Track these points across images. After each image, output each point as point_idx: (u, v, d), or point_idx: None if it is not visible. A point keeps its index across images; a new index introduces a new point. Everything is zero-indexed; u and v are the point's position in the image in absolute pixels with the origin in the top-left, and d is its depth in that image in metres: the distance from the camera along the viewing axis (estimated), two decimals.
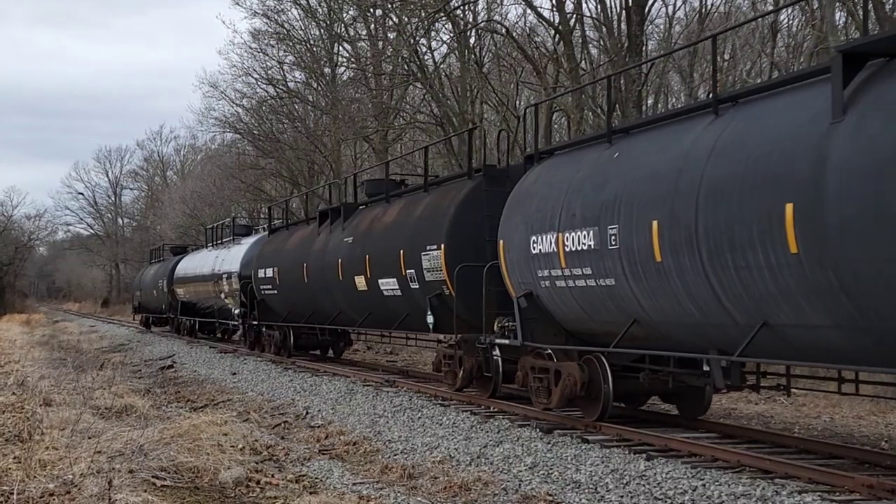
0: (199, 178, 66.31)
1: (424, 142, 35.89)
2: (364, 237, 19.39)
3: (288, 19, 40.57)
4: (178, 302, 39.32)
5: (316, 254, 22.12)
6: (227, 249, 32.52)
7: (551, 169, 13.57)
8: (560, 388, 12.71)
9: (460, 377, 15.94)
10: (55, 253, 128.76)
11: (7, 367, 22.31)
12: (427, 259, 16.18)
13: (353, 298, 19.93)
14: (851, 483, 8.80)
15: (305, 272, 22.66)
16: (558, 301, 12.76)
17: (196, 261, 37.28)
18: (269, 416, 15.62)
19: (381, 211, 19.30)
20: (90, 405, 14.95)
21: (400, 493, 9.69)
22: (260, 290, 26.63)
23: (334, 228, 21.58)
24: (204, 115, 57.11)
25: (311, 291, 22.50)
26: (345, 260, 20.03)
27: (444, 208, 16.15)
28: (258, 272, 26.67)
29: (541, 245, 12.81)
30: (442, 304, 16.04)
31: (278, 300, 25.42)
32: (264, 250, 27.18)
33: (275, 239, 27.23)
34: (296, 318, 24.49)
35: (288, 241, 25.19)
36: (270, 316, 26.49)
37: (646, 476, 9.72)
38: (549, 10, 28.43)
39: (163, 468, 10.03)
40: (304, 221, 25.67)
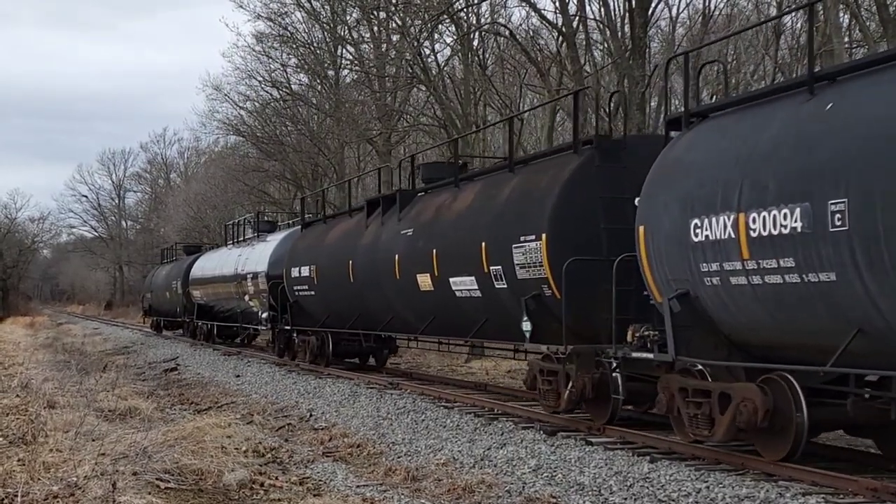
0: (202, 180, 66.37)
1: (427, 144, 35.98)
2: (428, 228, 16.73)
3: (291, 22, 40.60)
4: (195, 304, 37.01)
5: (364, 249, 19.48)
6: (251, 247, 30.13)
7: (713, 133, 10.55)
8: (730, 416, 9.88)
9: (566, 397, 12.85)
10: (59, 255, 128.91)
11: (11, 369, 22.34)
12: (521, 253, 13.38)
13: (414, 300, 17.25)
14: (855, 486, 8.79)
15: (351, 270, 19.94)
16: (730, 304, 9.82)
17: (215, 260, 34.71)
18: (273, 419, 15.63)
19: (448, 197, 16.50)
20: (94, 407, 14.98)
21: (404, 496, 9.69)
22: (293, 291, 24.06)
23: (388, 219, 18.91)
24: (207, 118, 57.09)
25: (358, 292, 19.82)
26: (403, 255, 17.35)
27: (544, 190, 13.34)
28: (291, 271, 24.08)
29: (707, 230, 9.81)
30: (541, 308, 13.23)
31: (315, 302, 22.87)
32: (298, 247, 24.59)
33: (309, 234, 24.58)
34: (337, 322, 21.86)
35: (327, 236, 22.44)
36: (305, 320, 23.89)
37: (649, 478, 9.72)
38: (552, 12, 28.43)
39: (167, 470, 10.03)
40: (346, 213, 22.67)
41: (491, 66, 33.94)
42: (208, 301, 35.24)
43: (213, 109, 52.57)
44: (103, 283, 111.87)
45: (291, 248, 24.99)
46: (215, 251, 37.91)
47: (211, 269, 34.22)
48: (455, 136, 28.88)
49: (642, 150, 12.62)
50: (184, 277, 38.46)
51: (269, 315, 26.34)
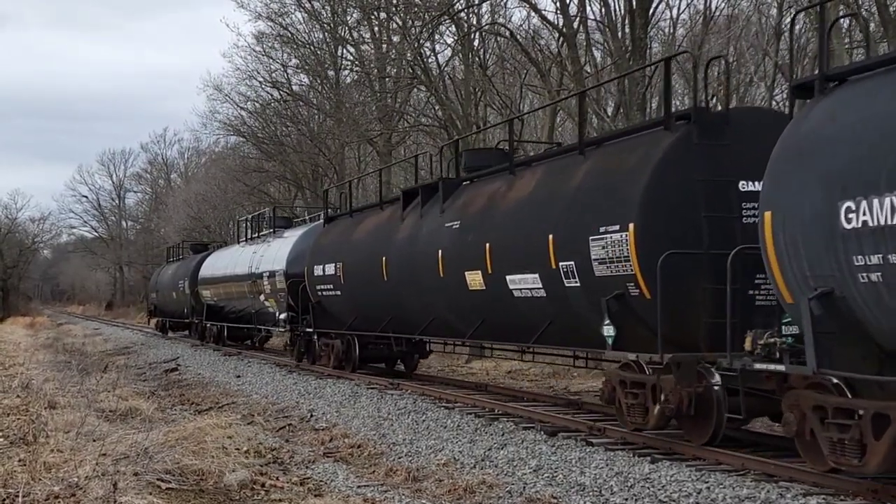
0: (202, 181, 66.41)
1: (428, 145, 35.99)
2: (479, 220, 14.99)
3: (292, 22, 40.67)
4: (204, 305, 35.19)
5: (401, 244, 17.73)
6: (266, 244, 28.26)
7: (862, 99, 8.70)
8: (890, 443, 8.26)
9: (656, 413, 11.26)
10: (59, 256, 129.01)
11: (11, 369, 22.34)
12: (600, 246, 11.55)
13: (460, 301, 15.46)
14: (856, 487, 8.78)
15: (385, 268, 18.13)
16: (891, 304, 7.99)
17: (226, 258, 32.97)
18: (274, 419, 15.64)
19: (502, 185, 14.77)
20: (94, 408, 14.99)
21: (404, 496, 9.70)
22: (316, 290, 22.31)
23: (428, 211, 17.16)
24: (208, 118, 57.14)
25: (393, 292, 18.06)
26: (449, 251, 15.62)
27: (631, 172, 11.55)
28: (313, 269, 22.28)
29: (867, 215, 8.01)
30: (625, 310, 11.44)
31: (342, 303, 21.04)
32: (321, 242, 22.63)
33: (334, 229, 22.54)
34: (367, 324, 20.08)
35: (356, 231, 20.58)
36: (329, 322, 22.19)
37: (650, 479, 9.72)
38: (553, 12, 28.44)
39: (168, 471, 10.03)
40: (376, 206, 20.73)
41: (491, 66, 33.93)
42: (218, 301, 33.56)
43: (213, 110, 52.66)
44: (103, 283, 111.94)
45: (314, 244, 23.16)
46: (226, 249, 36.44)
47: (222, 268, 32.62)
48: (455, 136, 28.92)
49: (749, 124, 11.29)
50: (192, 277, 37.11)
51: (287, 316, 24.65)
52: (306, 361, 23.88)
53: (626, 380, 11.77)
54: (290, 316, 24.39)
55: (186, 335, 41.06)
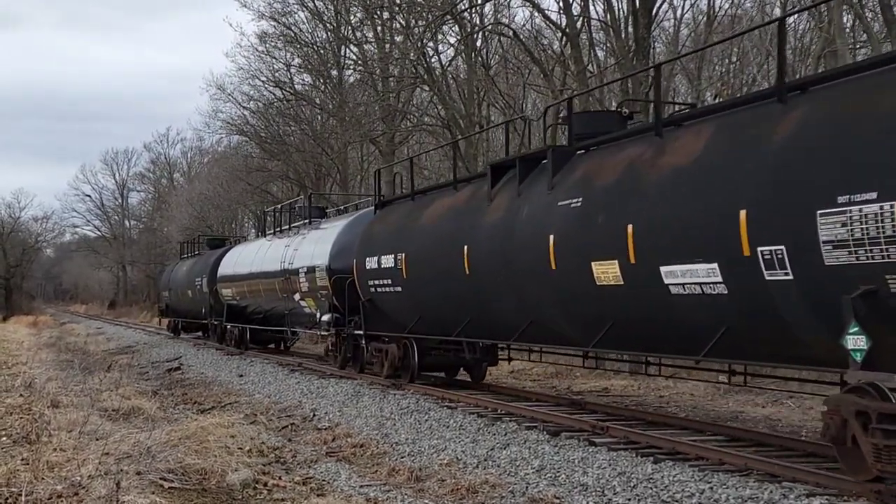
0: (205, 180, 66.45)
1: (432, 144, 35.98)
2: (613, 196, 11.65)
3: (295, 22, 40.71)
4: (224, 305, 32.38)
5: (489, 230, 14.56)
6: (301, 237, 25.30)
7: None
8: None
9: None
10: (62, 255, 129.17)
11: (14, 368, 22.37)
12: (839, 223, 8.44)
13: (582, 299, 12.28)
14: (859, 487, 8.77)
15: (466, 259, 15.02)
16: None
17: (251, 254, 29.91)
18: (276, 419, 15.64)
19: (646, 151, 11.50)
20: (97, 407, 15.00)
21: (407, 496, 9.70)
22: (368, 287, 19.19)
23: (530, 188, 13.81)
24: (211, 118, 57.18)
25: (476, 288, 14.98)
26: (565, 236, 12.41)
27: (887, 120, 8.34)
28: (364, 262, 19.18)
29: None
30: (881, 313, 8.33)
31: (401, 301, 17.98)
32: (374, 231, 19.57)
33: (391, 214, 19.33)
34: (434, 326, 17.12)
35: (422, 216, 17.45)
36: (383, 323, 19.21)
37: (653, 479, 9.71)
38: (556, 12, 28.44)
39: (170, 470, 10.05)
40: (448, 185, 17.56)
41: (494, 66, 33.94)
42: (241, 301, 30.79)
43: (216, 109, 52.68)
44: (106, 282, 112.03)
45: (364, 233, 20.05)
46: (249, 243, 33.83)
47: (246, 265, 29.74)
48: (458, 136, 28.92)
49: None
50: (210, 274, 34.23)
51: (331, 318, 21.55)
52: (350, 369, 21.31)
53: (872, 411, 8.45)
54: (335, 318, 21.44)
55: (200, 336, 39.08)
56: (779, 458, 10.33)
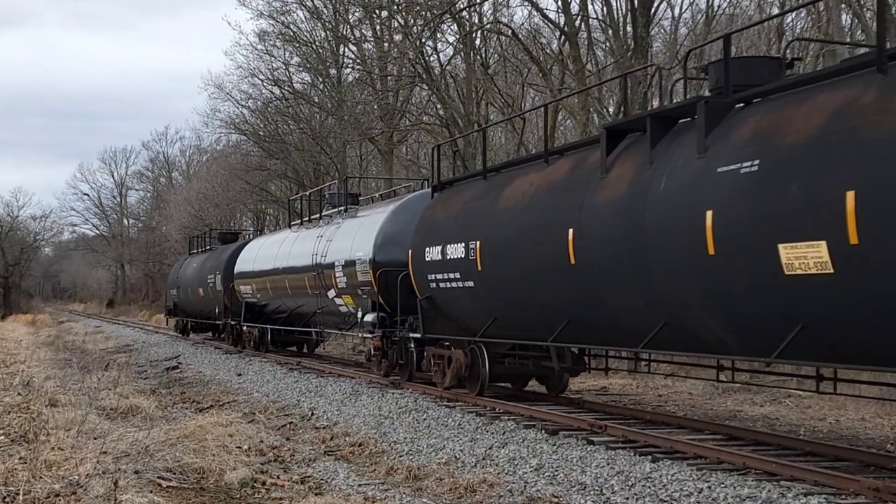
0: (204, 179, 66.40)
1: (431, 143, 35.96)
2: (815, 154, 8.87)
3: (294, 20, 40.69)
4: (242, 304, 29.68)
5: (605, 209, 11.80)
6: (335, 227, 22.54)
7: None
8: None
9: None
10: (60, 253, 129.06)
11: (13, 367, 22.34)
12: None
13: (754, 294, 9.64)
14: (857, 486, 8.78)
15: (571, 246, 12.23)
16: None
17: (275, 247, 27.26)
18: (275, 417, 15.64)
19: (859, 94, 8.75)
20: (96, 406, 14.98)
21: (405, 495, 9.69)
22: (428, 282, 16.58)
23: (665, 154, 11.13)
24: (210, 116, 57.16)
25: (586, 282, 12.16)
26: (731, 211, 9.72)
27: None
28: (423, 253, 16.61)
29: None
30: None
31: (474, 298, 15.24)
32: (435, 217, 16.87)
33: (455, 197, 16.66)
34: (517, 329, 14.54)
35: (501, 196, 14.67)
36: (445, 325, 16.69)
37: (651, 478, 9.71)
38: (554, 11, 28.46)
39: (168, 469, 10.05)
40: (535, 159, 14.74)
41: (493, 65, 33.94)
42: (262, 299, 28.27)
43: (215, 108, 52.72)
44: (105, 281, 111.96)
45: (421, 220, 17.36)
46: (270, 235, 31.46)
47: (269, 259, 27.13)
48: (457, 135, 28.91)
49: None
50: (225, 270, 31.72)
51: (376, 318, 18.83)
52: (396, 376, 18.77)
53: None
54: (380, 318, 18.82)
55: (211, 337, 36.90)
56: (777, 456, 10.35)
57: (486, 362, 15.58)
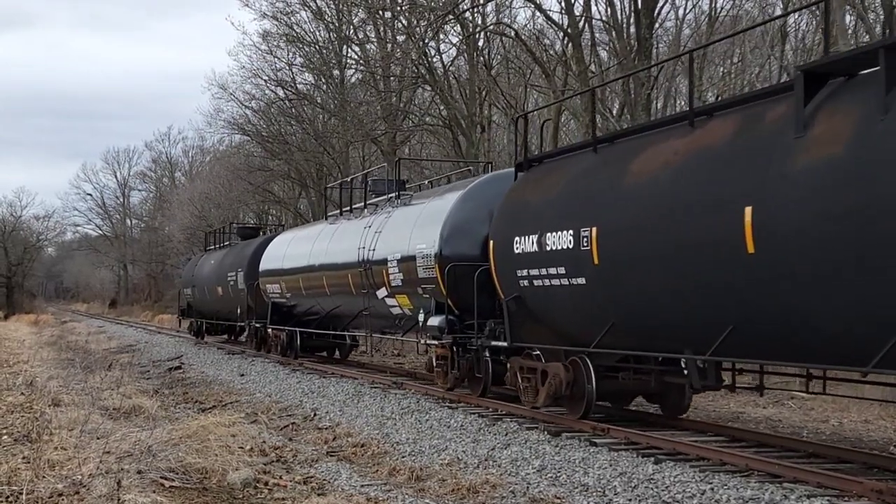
0: (207, 179, 66.45)
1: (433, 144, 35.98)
2: None
3: (297, 21, 40.71)
4: (268, 304, 27.09)
5: (806, 178, 9.06)
6: (386, 216, 19.90)
7: None
8: None
9: None
10: (63, 253, 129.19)
11: (16, 367, 22.36)
12: None
13: None
14: (860, 488, 8.78)
15: (749, 230, 9.50)
16: None
17: (309, 241, 24.66)
18: (277, 418, 15.64)
19: None
20: (98, 406, 14.98)
21: (408, 496, 9.69)
22: (517, 280, 13.76)
23: None
24: (213, 117, 57.19)
25: (770, 276, 9.44)
26: None
27: None
28: (512, 245, 13.80)
29: None
30: None
31: (586, 298, 12.37)
32: (525, 200, 14.17)
33: (549, 176, 13.84)
34: (646, 338, 11.74)
35: (624, 172, 11.83)
36: (536, 331, 13.89)
37: (654, 479, 9.71)
38: (558, 12, 28.47)
39: (171, 469, 10.05)
40: (676, 121, 11.71)
41: (496, 66, 33.95)
42: (292, 299, 25.65)
43: (218, 108, 52.72)
44: (108, 281, 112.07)
45: (508, 203, 14.62)
46: (302, 229, 29.03)
47: (302, 255, 24.53)
48: (460, 136, 28.93)
49: None
50: (248, 267, 29.24)
51: (443, 322, 16.36)
52: (465, 390, 16.36)
53: None
54: (448, 321, 16.33)
55: (227, 340, 34.94)
56: (780, 458, 10.34)
57: (592, 378, 12.82)
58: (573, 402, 13.23)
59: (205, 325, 36.71)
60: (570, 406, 13.34)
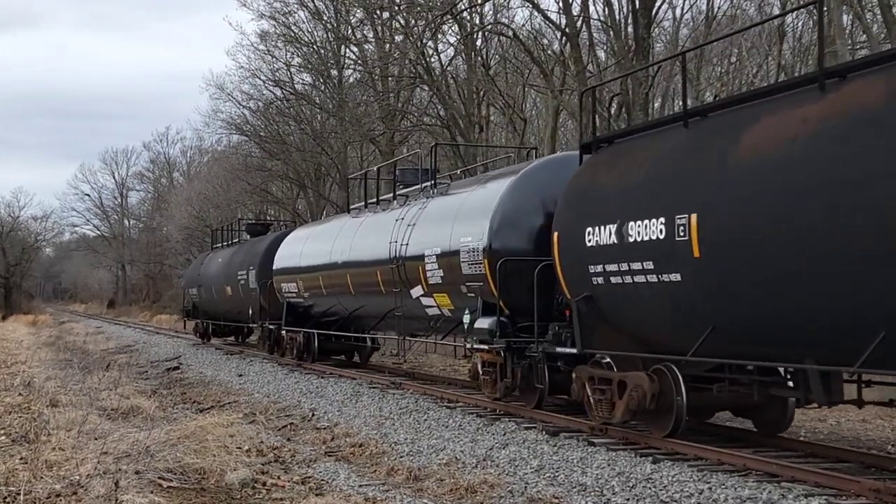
0: (205, 179, 66.43)
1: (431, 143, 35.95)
2: None
3: (295, 21, 40.70)
4: (283, 304, 25.48)
5: None
6: (420, 207, 18.13)
7: None
8: None
9: None
10: (61, 254, 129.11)
11: (13, 367, 22.34)
12: None
13: None
14: (858, 487, 8.79)
15: None
16: None
17: (330, 236, 22.96)
18: (276, 418, 15.64)
19: None
20: (96, 406, 14.99)
21: (406, 496, 9.69)
22: (589, 276, 12.01)
23: None
24: (211, 117, 57.16)
25: None
26: None
27: None
28: (584, 236, 12.03)
29: None
30: None
31: (682, 297, 10.59)
32: (599, 184, 12.40)
33: (630, 156, 12.08)
34: (755, 342, 10.01)
35: (731, 148, 10.09)
36: (610, 336, 12.19)
37: (652, 479, 9.71)
38: (555, 12, 28.47)
39: (169, 469, 10.05)
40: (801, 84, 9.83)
41: (494, 66, 33.95)
42: (310, 299, 24.13)
43: (216, 109, 52.68)
44: (106, 281, 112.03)
45: (573, 192, 12.87)
46: (323, 223, 27.21)
47: (320, 252, 22.98)
48: (458, 135, 28.94)
49: None
50: (261, 265, 27.88)
51: (494, 324, 14.57)
52: (517, 400, 14.77)
53: None
54: (499, 323, 14.54)
55: (235, 342, 33.92)
56: (778, 458, 10.34)
57: (682, 390, 11.11)
58: (658, 418, 11.50)
59: (211, 326, 35.41)
60: (653, 422, 11.64)
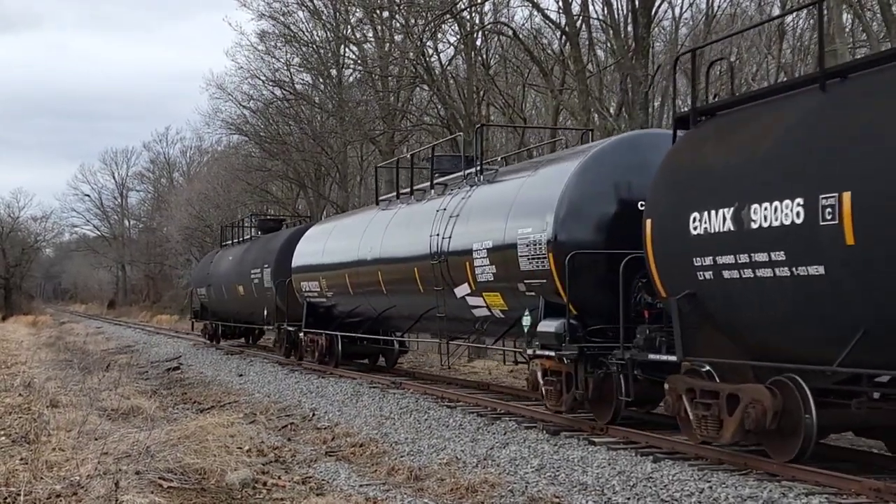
0: (205, 179, 66.42)
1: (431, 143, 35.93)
2: None
3: (294, 21, 40.69)
4: (303, 305, 23.75)
5: None
6: (462, 197, 16.41)
7: None
8: None
9: None
10: (61, 254, 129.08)
11: (14, 368, 22.35)
12: None
13: None
14: (858, 486, 8.78)
15: None
16: None
17: (358, 230, 21.18)
18: (276, 418, 15.64)
19: None
20: (97, 406, 14.99)
21: (406, 495, 9.69)
22: (694, 272, 10.22)
23: None
24: (211, 117, 57.13)
25: None
26: None
27: None
28: (683, 224, 10.31)
29: None
30: None
31: (827, 294, 8.77)
32: (706, 162, 10.56)
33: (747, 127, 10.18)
34: None
35: None
36: (717, 343, 10.36)
37: (653, 478, 9.71)
38: (555, 12, 28.46)
39: (169, 470, 10.05)
40: None
41: (494, 65, 33.95)
42: (333, 298, 22.30)
43: (216, 109, 52.65)
44: (106, 282, 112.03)
45: (670, 171, 11.10)
46: (348, 216, 25.35)
47: (347, 248, 21.18)
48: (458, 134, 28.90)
49: None
50: (277, 263, 26.17)
51: (562, 327, 12.70)
52: (586, 415, 13.02)
53: None
54: (570, 326, 12.66)
55: (245, 345, 32.58)
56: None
57: (811, 406, 9.27)
58: (779, 439, 9.66)
59: (221, 327, 33.78)
60: (772, 444, 9.76)
